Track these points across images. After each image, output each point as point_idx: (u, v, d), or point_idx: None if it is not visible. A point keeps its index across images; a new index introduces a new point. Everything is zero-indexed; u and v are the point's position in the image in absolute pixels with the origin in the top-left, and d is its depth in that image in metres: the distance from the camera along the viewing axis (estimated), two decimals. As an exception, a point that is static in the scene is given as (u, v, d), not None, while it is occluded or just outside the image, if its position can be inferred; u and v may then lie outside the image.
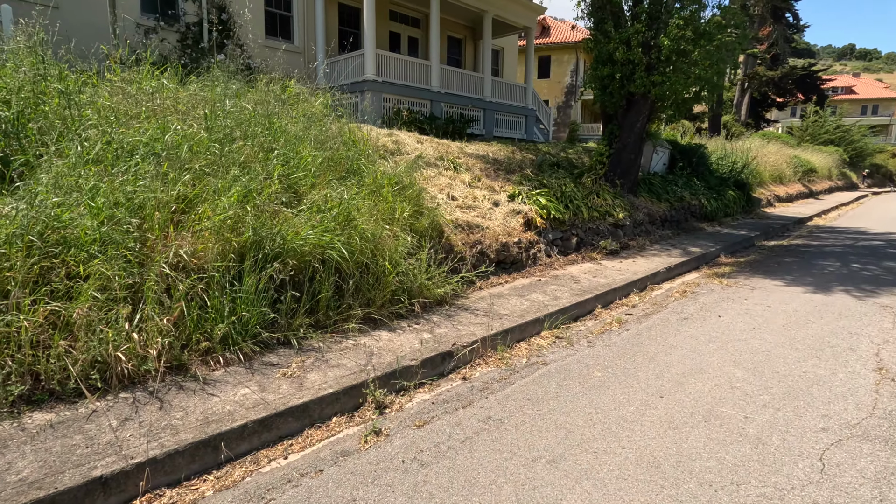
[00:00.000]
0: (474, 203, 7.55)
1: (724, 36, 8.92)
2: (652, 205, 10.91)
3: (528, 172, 10.04)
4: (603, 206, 9.47)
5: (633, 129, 10.46)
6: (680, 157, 14.72)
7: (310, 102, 7.62)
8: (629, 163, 10.64)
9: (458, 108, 15.01)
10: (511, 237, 7.17)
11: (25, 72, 5.05)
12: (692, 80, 9.39)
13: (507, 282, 6.50)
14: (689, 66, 9.37)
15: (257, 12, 13.25)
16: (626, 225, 9.60)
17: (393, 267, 4.93)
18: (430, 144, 10.22)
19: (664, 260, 8.11)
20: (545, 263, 7.40)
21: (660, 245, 9.45)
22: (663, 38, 8.78)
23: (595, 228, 8.93)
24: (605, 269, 7.35)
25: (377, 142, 8.79)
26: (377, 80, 12.83)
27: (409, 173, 6.32)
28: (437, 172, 8.38)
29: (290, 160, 5.35)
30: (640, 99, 10.24)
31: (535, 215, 7.77)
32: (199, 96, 5.90)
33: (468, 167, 9.49)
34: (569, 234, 8.28)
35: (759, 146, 23.79)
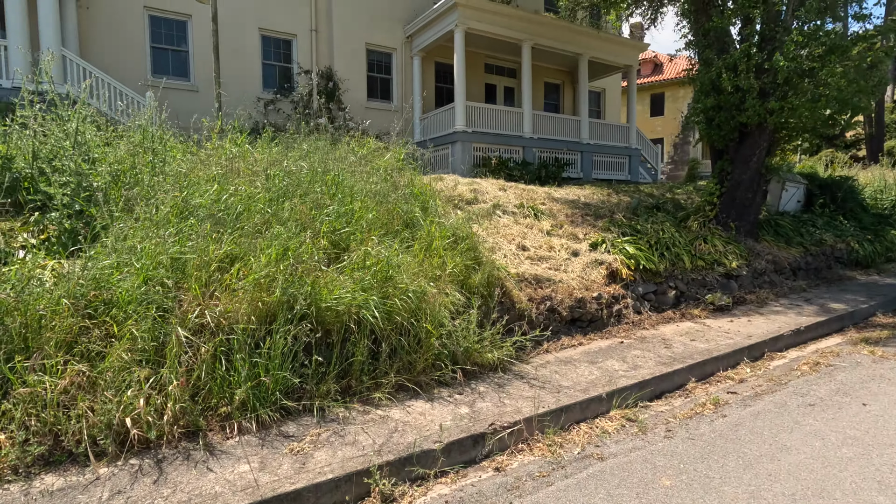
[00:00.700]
0: (549, 253, 6.91)
1: (860, 47, 7.40)
2: (778, 250, 9.17)
3: (619, 217, 9.10)
4: (711, 253, 8.15)
5: (747, 165, 9.04)
6: (819, 193, 12.45)
7: (383, 157, 7.75)
8: (745, 202, 9.15)
9: (552, 153, 14.51)
10: (589, 292, 6.36)
11: (132, 145, 5.77)
12: (822, 103, 7.88)
13: (582, 344, 5.68)
14: (817, 86, 7.90)
15: (360, 79, 14.33)
16: (742, 275, 8.11)
17: (436, 328, 4.52)
18: (513, 191, 9.84)
19: (791, 319, 6.59)
20: (632, 322, 6.41)
21: (788, 299, 7.79)
22: (778, 57, 7.53)
23: (700, 280, 7.65)
24: (709, 331, 6.14)
25: (454, 191, 8.63)
26: (466, 130, 12.94)
27: (466, 224, 5.95)
28: (512, 221, 7.92)
29: (341, 216, 5.32)
30: (754, 130, 8.85)
31: (621, 266, 6.87)
32: (271, 158, 6.25)
33: (551, 214, 8.88)
34: (664, 287, 7.17)
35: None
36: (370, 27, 14.37)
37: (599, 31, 14.84)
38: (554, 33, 14.36)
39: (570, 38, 14.67)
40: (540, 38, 14.08)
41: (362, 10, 14.21)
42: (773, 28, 8.15)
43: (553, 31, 14.34)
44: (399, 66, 15.00)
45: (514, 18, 13.47)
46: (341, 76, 13.93)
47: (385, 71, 14.97)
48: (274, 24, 13.35)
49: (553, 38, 14.40)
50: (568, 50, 14.87)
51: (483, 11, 12.93)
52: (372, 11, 14.38)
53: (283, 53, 13.63)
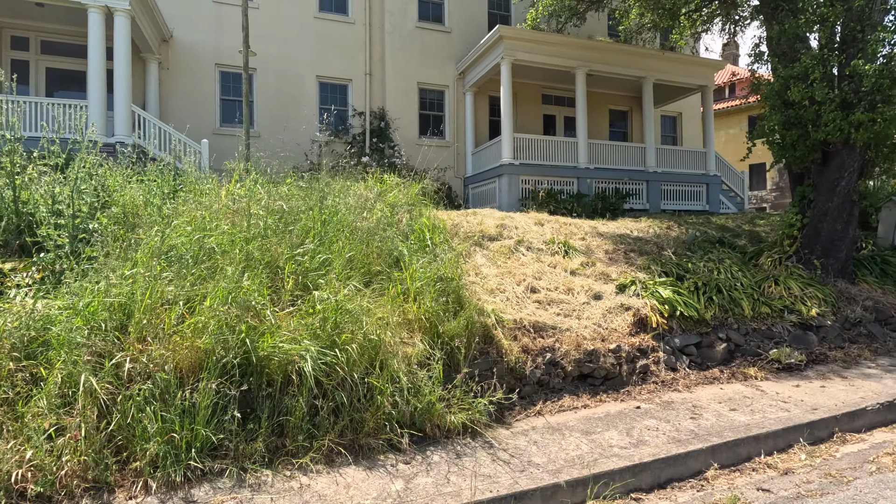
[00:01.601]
0: (564, 297, 6.08)
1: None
2: (883, 295, 7.37)
3: (668, 254, 7.94)
4: (783, 297, 6.72)
5: (834, 191, 7.48)
6: (953, 222, 10.04)
7: (398, 192, 7.51)
8: (833, 236, 7.54)
9: (612, 183, 13.43)
10: (606, 343, 5.43)
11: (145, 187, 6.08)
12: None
13: (587, 406, 4.79)
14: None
15: (412, 117, 14.53)
16: (826, 325, 6.55)
17: (388, 384, 4.00)
18: (552, 226, 9.09)
19: (885, 387, 5.08)
20: (662, 381, 5.33)
21: (890, 358, 6.11)
22: (859, 62, 6.18)
23: (765, 330, 6.29)
24: (761, 398, 4.90)
25: (479, 227, 8.12)
26: (513, 162, 12.41)
27: (454, 264, 5.40)
28: (534, 259, 7.19)
29: (317, 255, 5.06)
30: (840, 149, 7.35)
31: (651, 312, 5.83)
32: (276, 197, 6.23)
33: (587, 250, 7.99)
34: (711, 339, 5.96)
35: None
36: (422, 66, 14.60)
37: (664, 52, 13.72)
38: (611, 58, 13.53)
39: (630, 62, 13.72)
40: (595, 63, 13.31)
41: (414, 51, 14.52)
42: (856, 29, 6.78)
43: (610, 56, 13.51)
44: (451, 103, 15.00)
45: (564, 46, 12.91)
46: (393, 115, 14.20)
47: (438, 108, 15.05)
48: (330, 72, 14.06)
49: (610, 63, 13.55)
50: (629, 74, 13.89)
51: (530, 42, 12.54)
52: (424, 52, 14.63)
53: (338, 97, 14.26)
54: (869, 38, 6.32)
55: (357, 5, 14.30)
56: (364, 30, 14.25)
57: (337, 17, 14.16)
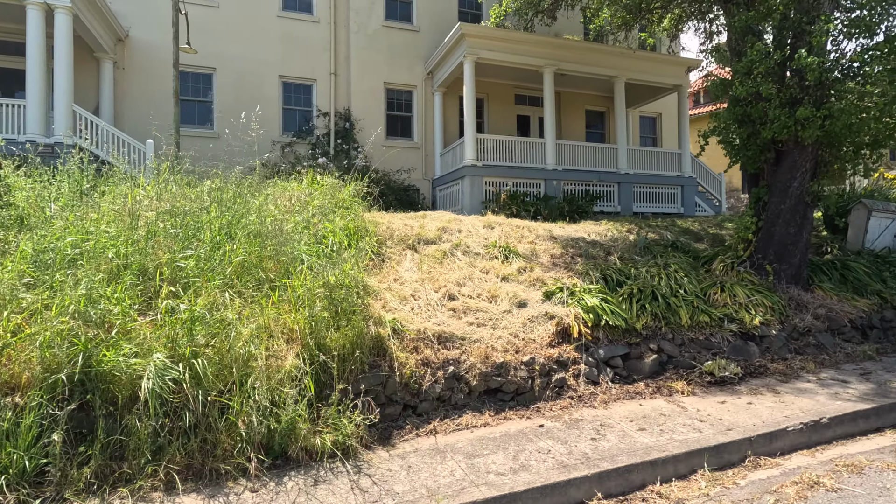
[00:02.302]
0: (484, 304, 5.71)
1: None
2: (838, 302, 6.95)
3: (614, 259, 7.58)
4: (726, 304, 6.34)
5: (786, 192, 7.09)
6: (926, 225, 9.63)
7: (324, 194, 7.18)
8: (786, 240, 7.14)
9: (581, 185, 13.06)
10: (520, 355, 5.06)
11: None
12: (876, 109, 5.92)
13: (487, 425, 4.41)
14: (867, 86, 6.00)
15: (378, 118, 14.21)
16: (770, 336, 6.16)
17: (251, 400, 3.64)
18: (502, 229, 8.72)
19: (816, 404, 4.69)
20: (578, 396, 4.95)
21: (835, 371, 5.71)
22: (802, 54, 5.80)
23: (703, 341, 5.91)
24: (677, 416, 4.52)
25: (419, 231, 7.75)
26: (476, 164, 12.06)
27: (355, 271, 5.03)
28: (467, 263, 6.82)
29: (205, 260, 4.72)
30: (792, 148, 6.96)
31: (575, 321, 5.46)
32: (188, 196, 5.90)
33: (531, 254, 7.62)
34: (641, 350, 5.58)
35: None
36: (390, 66, 14.29)
37: (635, 51, 13.34)
38: (580, 57, 13.17)
39: (600, 61, 13.36)
40: (563, 62, 12.96)
41: (381, 50, 14.21)
42: (802, 20, 6.39)
43: (579, 55, 13.16)
44: (420, 103, 14.67)
45: (530, 44, 12.56)
46: (358, 116, 13.89)
47: (406, 108, 14.72)
48: (294, 71, 13.76)
49: (580, 62, 13.20)
50: (599, 73, 13.53)
51: (493, 40, 12.20)
52: (391, 51, 14.32)
53: (303, 98, 13.96)
54: (814, 29, 5.93)
55: (322, 4, 14.02)
56: (329, 29, 13.95)
57: (301, 16, 13.87)
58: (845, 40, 6.12)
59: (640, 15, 11.60)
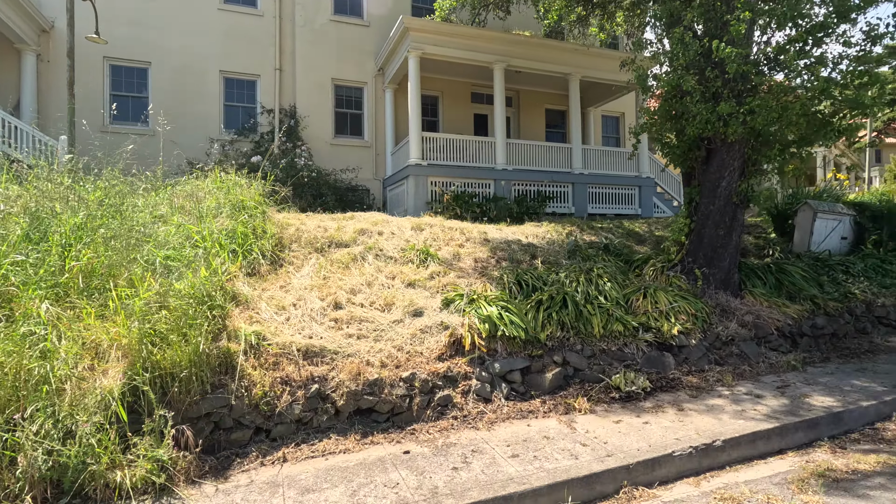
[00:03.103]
0: (375, 314, 5.24)
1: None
2: (769, 308, 6.59)
3: (537, 263, 7.16)
4: (646, 312, 5.94)
5: (715, 192, 6.72)
6: (872, 227, 9.37)
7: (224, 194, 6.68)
8: (716, 242, 6.77)
9: (533, 186, 12.66)
10: (400, 370, 4.59)
11: None
12: (799, 104, 5.56)
13: (347, 451, 3.94)
14: (793, 78, 5.63)
15: (325, 115, 13.70)
16: (688, 346, 5.76)
17: (41, 428, 3.13)
18: (432, 231, 8.28)
19: (717, 423, 4.28)
20: (465, 415, 4.50)
21: (752, 385, 5.32)
22: (721, 45, 5.42)
23: (615, 352, 5.49)
24: (562, 438, 4.08)
25: (333, 233, 7.26)
26: (421, 163, 11.59)
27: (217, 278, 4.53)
28: (375, 268, 6.35)
29: (38, 266, 4.20)
30: (719, 145, 6.59)
31: (469, 332, 5.01)
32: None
33: (455, 258, 7.18)
34: (544, 363, 5.14)
35: None
36: (338, 62, 13.79)
37: (589, 48, 12.97)
38: (532, 53, 12.77)
39: (553, 57, 12.98)
40: (514, 59, 12.55)
41: (329, 45, 13.69)
42: (722, 9, 6.01)
43: (531, 51, 12.76)
44: (370, 100, 14.18)
45: (479, 39, 12.14)
46: (305, 113, 13.37)
47: (356, 106, 14.22)
48: (236, 66, 13.19)
49: (532, 59, 12.80)
50: (553, 71, 13.15)
51: (439, 34, 11.76)
52: (340, 46, 13.82)
53: (246, 94, 13.39)
54: (729, 18, 5.56)
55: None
56: (274, 22, 13.40)
57: (244, 9, 13.31)
58: (767, 31, 5.75)
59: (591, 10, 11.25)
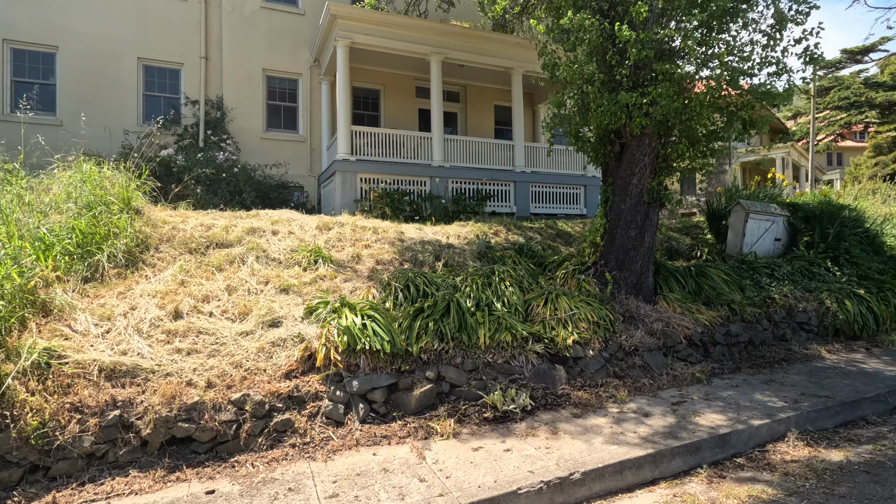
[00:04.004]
0: (223, 325, 4.60)
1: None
2: (681, 315, 6.16)
3: (438, 266, 6.61)
4: (544, 320, 5.43)
5: (626, 190, 6.27)
6: (805, 228, 9.10)
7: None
8: (627, 244, 6.32)
9: (473, 184, 12.13)
10: (231, 391, 3.97)
11: None
12: (704, 94, 5.11)
13: (139, 491, 3.30)
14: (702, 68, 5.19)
15: (255, 107, 12.95)
16: (585, 357, 5.27)
17: None
18: (340, 230, 7.69)
19: (586, 449, 3.77)
20: (306, 443, 3.90)
21: (649, 399, 4.84)
22: (622, 28, 4.94)
23: (502, 365, 4.96)
24: (402, 472, 3.51)
25: (219, 232, 6.58)
26: (349, 159, 10.95)
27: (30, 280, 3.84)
28: (250, 272, 5.70)
29: None
30: (630, 140, 6.14)
31: (325, 345, 4.41)
32: None
33: (353, 260, 6.60)
34: (414, 379, 4.57)
35: None
36: (270, 52, 13.04)
37: (531, 41, 12.51)
38: (471, 45, 12.24)
39: (493, 50, 12.47)
40: (452, 51, 12.00)
41: (260, 33, 12.94)
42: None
43: (470, 43, 12.23)
44: (305, 93, 13.47)
45: (413, 30, 11.55)
46: (232, 105, 12.59)
47: (291, 98, 13.49)
48: (158, 54, 12.33)
49: (471, 52, 12.27)
50: (493, 64, 12.64)
51: (369, 23, 11.13)
52: (272, 35, 13.07)
53: (168, 83, 12.54)
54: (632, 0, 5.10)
55: (192, -20, 12.65)
56: (199, 8, 12.58)
57: (166, -7, 12.47)
58: (672, 14, 5.30)
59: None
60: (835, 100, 36.95)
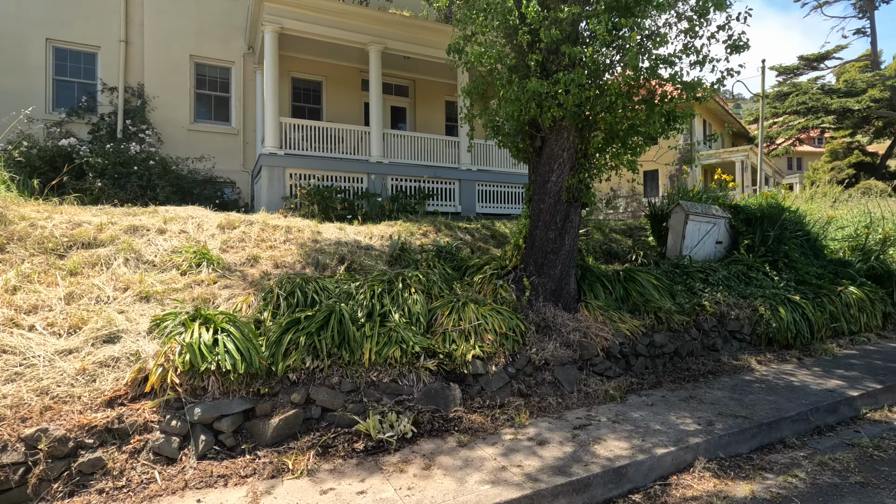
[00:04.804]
0: (38, 340, 3.85)
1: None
2: (602, 325, 5.66)
3: (340, 270, 5.98)
4: (445, 332, 4.84)
5: (545, 188, 5.75)
6: (746, 231, 8.79)
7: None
8: (546, 247, 5.79)
9: (415, 182, 11.52)
10: (24, 425, 3.24)
11: None
12: (617, 84, 4.60)
13: None
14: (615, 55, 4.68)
15: (182, 96, 12.03)
16: (489, 373, 4.71)
17: None
18: (249, 229, 7.00)
19: (457, 490, 3.19)
20: (120, 487, 3.21)
21: (551, 422, 4.30)
22: (532, 6, 4.40)
23: (388, 384, 4.35)
24: (219, 527, 2.85)
25: (90, 231, 5.78)
26: (276, 153, 10.20)
27: None
28: (111, 276, 4.95)
29: None
30: (549, 133, 5.61)
31: (160, 365, 3.71)
32: None
33: (249, 263, 5.94)
34: (275, 404, 3.92)
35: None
36: (199, 37, 12.15)
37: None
38: (414, 36, 11.63)
39: (438, 42, 11.84)
40: (392, 40, 11.37)
41: (187, 17, 12.03)
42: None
43: (412, 33, 11.62)
44: (239, 82, 12.62)
45: (348, 16, 10.86)
46: (155, 93, 11.65)
47: (223, 88, 12.62)
48: (70, 35, 11.30)
49: (414, 42, 11.66)
50: (435, 56, 12.02)
51: (300, 7, 10.39)
52: (202, 20, 12.18)
53: (83, 68, 11.51)
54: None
55: (110, -44, 11.65)
56: (119, -13, 11.61)
57: (81, -31, 11.44)
58: None
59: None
60: (793, 104, 37.82)
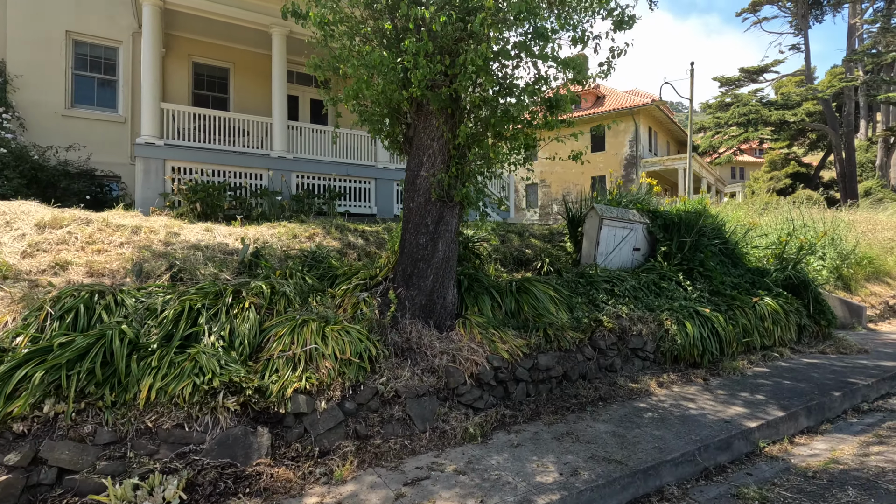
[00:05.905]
0: None
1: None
2: (480, 346, 4.84)
3: (164, 279, 4.93)
4: (270, 358, 3.89)
5: (415, 184, 4.90)
6: (664, 237, 8.26)
7: None
8: (416, 253, 4.93)
9: (324, 180, 10.49)
10: None
11: None
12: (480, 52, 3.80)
13: None
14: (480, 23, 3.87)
15: (55, 78, 10.57)
16: (316, 412, 3.78)
17: None
18: (82, 229, 5.84)
19: None
20: None
21: (384, 475, 3.42)
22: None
23: (172, 430, 3.35)
24: None
25: None
26: (155, 143, 8.96)
27: None
28: None
29: None
30: (417, 119, 4.77)
31: None
32: None
33: (51, 272, 4.79)
34: (-23, 471, 2.85)
35: (888, 217, 15.53)
36: (78, 12, 10.75)
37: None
38: (324, 20, 10.63)
39: (352, 29, 10.95)
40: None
41: (64, -13, 10.61)
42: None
43: (322, 18, 10.61)
44: (128, 65, 11.26)
45: (246, -6, 9.79)
46: (19, 72, 10.15)
47: (109, 70, 11.22)
48: (-86, 0, 9.72)
49: (324, 27, 10.65)
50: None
51: (187, -20, 9.26)
52: (81, -9, 10.78)
53: (-68, 40, 9.94)
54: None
55: (-30, -87, 10.12)
56: (-22, -52, 10.09)
57: (-71, -75, 9.86)
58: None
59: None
60: (734, 116, 38.96)
